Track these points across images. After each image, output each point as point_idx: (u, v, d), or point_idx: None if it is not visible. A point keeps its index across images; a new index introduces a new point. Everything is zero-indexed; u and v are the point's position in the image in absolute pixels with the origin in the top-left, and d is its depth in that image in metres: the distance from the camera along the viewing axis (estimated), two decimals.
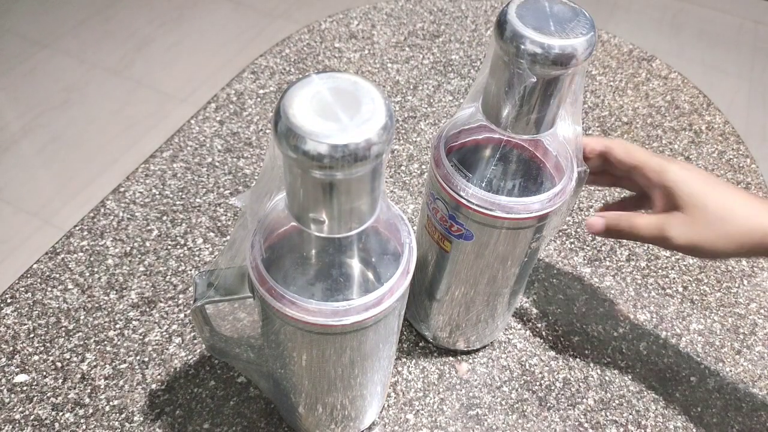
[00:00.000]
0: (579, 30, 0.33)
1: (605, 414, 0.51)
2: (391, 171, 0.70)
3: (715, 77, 1.99)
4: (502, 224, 0.40)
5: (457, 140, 0.42)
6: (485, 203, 0.39)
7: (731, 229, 0.39)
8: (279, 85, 0.78)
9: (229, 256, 0.36)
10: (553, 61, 0.33)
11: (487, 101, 0.38)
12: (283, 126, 0.26)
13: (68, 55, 1.89)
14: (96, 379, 0.50)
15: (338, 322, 0.32)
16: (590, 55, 0.34)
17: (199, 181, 0.66)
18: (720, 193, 0.40)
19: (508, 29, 0.33)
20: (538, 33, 0.33)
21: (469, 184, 0.39)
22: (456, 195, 0.39)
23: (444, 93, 0.79)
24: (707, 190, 0.40)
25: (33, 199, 1.52)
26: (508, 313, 0.52)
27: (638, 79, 0.85)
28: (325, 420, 0.45)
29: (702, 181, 0.40)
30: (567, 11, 0.34)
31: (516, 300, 0.51)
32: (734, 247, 0.39)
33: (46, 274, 0.57)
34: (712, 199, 0.39)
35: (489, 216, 0.39)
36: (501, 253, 0.42)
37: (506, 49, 0.34)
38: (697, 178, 0.40)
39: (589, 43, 0.33)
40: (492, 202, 0.39)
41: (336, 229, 0.30)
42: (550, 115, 0.37)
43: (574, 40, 0.33)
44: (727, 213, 0.39)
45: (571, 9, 0.35)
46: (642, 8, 2.26)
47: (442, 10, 0.93)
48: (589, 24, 0.34)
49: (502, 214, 0.39)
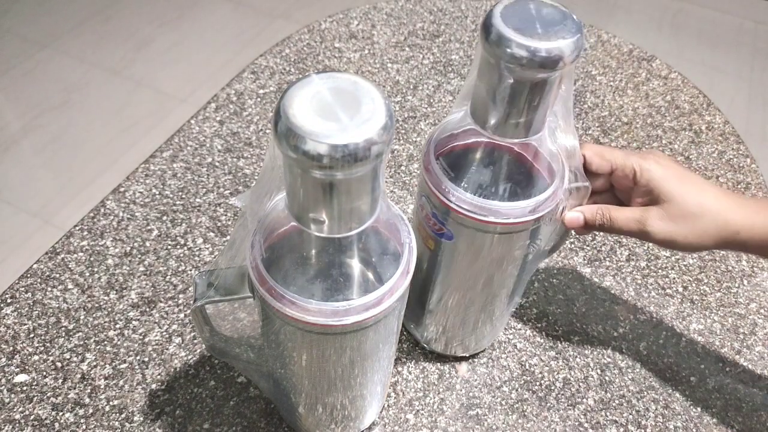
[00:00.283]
0: (565, 32, 0.33)
1: (605, 414, 0.51)
2: (391, 171, 0.70)
3: (715, 77, 1.99)
4: (494, 228, 0.39)
5: (447, 144, 0.42)
6: (472, 206, 0.38)
7: (704, 225, 0.41)
8: (279, 85, 0.78)
9: (229, 256, 0.36)
10: (539, 63, 0.33)
11: (476, 105, 0.38)
12: (283, 126, 0.26)
13: (68, 55, 1.89)
14: (96, 379, 0.50)
15: (338, 322, 0.32)
16: (577, 57, 0.33)
17: (199, 181, 0.66)
18: (694, 189, 0.42)
19: (493, 32, 0.33)
20: (524, 36, 0.33)
21: (454, 186, 0.39)
22: (442, 197, 0.39)
23: (444, 93, 0.79)
24: (682, 187, 0.41)
25: (33, 199, 1.52)
26: (492, 324, 0.51)
27: (638, 79, 0.85)
28: (325, 420, 0.45)
29: (678, 178, 0.42)
30: (555, 13, 0.34)
31: (504, 312, 0.50)
32: (708, 242, 0.42)
33: (46, 274, 0.57)
34: (688, 195, 0.41)
35: (475, 220, 0.39)
36: (488, 257, 0.42)
37: (492, 52, 0.34)
38: (674, 175, 0.42)
39: (576, 46, 0.33)
40: (478, 205, 0.38)
41: (336, 229, 0.30)
42: (538, 119, 0.37)
43: (561, 42, 0.33)
44: (701, 209, 0.41)
45: (560, 12, 0.34)
46: (642, 8, 2.26)
47: (442, 10, 0.93)
48: (576, 26, 0.33)
49: (490, 218, 0.38)
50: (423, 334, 0.53)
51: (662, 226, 0.42)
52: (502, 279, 0.45)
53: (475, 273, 0.43)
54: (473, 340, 0.52)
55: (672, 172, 0.42)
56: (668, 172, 0.42)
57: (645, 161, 0.42)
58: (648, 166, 0.42)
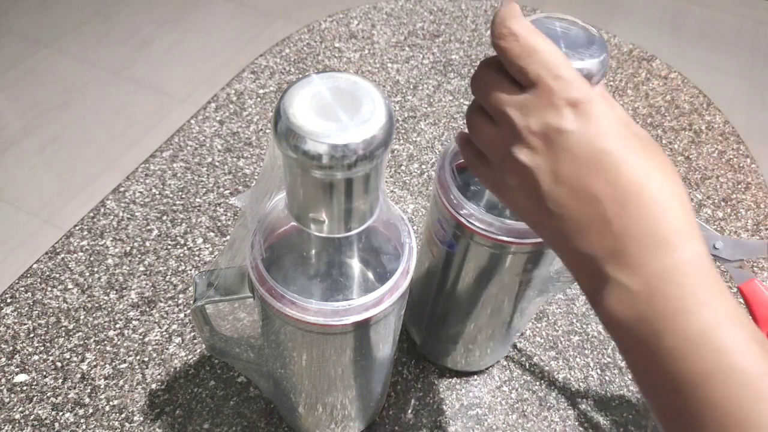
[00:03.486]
0: (593, 52, 0.31)
1: (605, 414, 0.51)
2: (391, 171, 0.70)
3: (715, 77, 1.99)
4: (508, 248, 0.38)
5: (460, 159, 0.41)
6: (485, 224, 0.37)
7: None
8: (279, 85, 0.78)
9: (229, 256, 0.36)
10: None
11: None
12: (283, 126, 0.26)
13: (68, 55, 1.89)
14: (96, 379, 0.50)
15: (338, 322, 0.32)
16: (603, 77, 0.31)
17: (199, 181, 0.66)
18: None
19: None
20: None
21: (463, 197, 0.38)
22: (455, 213, 0.38)
23: (444, 93, 0.79)
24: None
25: (33, 199, 1.52)
26: (495, 343, 0.50)
27: (638, 78, 0.85)
28: (325, 420, 0.45)
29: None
30: (580, 33, 0.32)
31: (508, 335, 0.49)
32: None
33: (46, 274, 0.57)
34: None
35: (468, 229, 0.38)
36: (476, 270, 0.41)
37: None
38: None
39: (602, 65, 0.31)
40: (491, 223, 0.37)
41: (336, 229, 0.30)
42: None
43: (589, 61, 0.31)
44: None
45: (585, 32, 0.32)
46: (642, 8, 2.26)
47: (442, 10, 0.93)
48: (601, 47, 0.31)
49: (503, 237, 0.37)
50: (424, 342, 0.53)
51: None
52: (502, 299, 0.43)
53: (484, 292, 0.43)
54: (475, 355, 0.51)
55: None
56: None
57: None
58: None
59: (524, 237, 0.37)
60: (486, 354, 0.51)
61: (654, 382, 0.25)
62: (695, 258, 0.24)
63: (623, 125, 0.27)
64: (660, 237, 0.24)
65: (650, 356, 0.24)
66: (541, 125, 0.26)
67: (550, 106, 0.26)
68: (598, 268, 0.26)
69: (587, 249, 0.26)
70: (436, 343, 0.52)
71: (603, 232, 0.25)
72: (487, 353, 0.51)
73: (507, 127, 0.28)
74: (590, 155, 0.26)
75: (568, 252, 0.27)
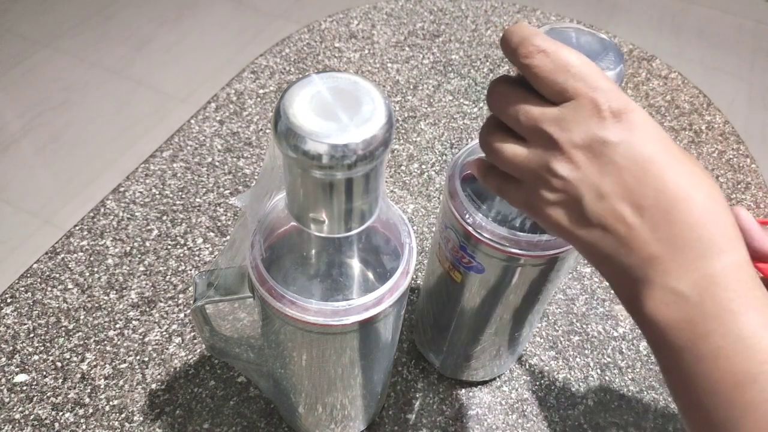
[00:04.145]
0: (608, 63, 0.31)
1: (605, 414, 0.51)
2: (391, 171, 0.70)
3: (715, 77, 1.99)
4: (518, 261, 0.37)
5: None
6: (497, 237, 0.36)
7: None
8: (279, 84, 0.78)
9: (229, 256, 0.36)
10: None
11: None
12: (283, 126, 0.26)
13: (68, 55, 1.89)
14: (96, 379, 0.50)
15: (338, 322, 0.32)
16: (620, 86, 0.31)
17: (199, 181, 0.66)
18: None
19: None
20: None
21: (482, 216, 0.37)
22: (468, 227, 0.37)
23: (444, 93, 0.79)
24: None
25: (33, 199, 1.52)
26: (509, 350, 0.50)
27: (638, 78, 0.85)
28: (325, 420, 0.45)
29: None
30: (594, 42, 0.32)
31: (522, 337, 0.49)
32: None
33: (46, 273, 0.57)
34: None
35: (501, 251, 0.37)
36: (511, 288, 0.40)
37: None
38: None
39: (619, 77, 0.31)
40: (504, 236, 0.36)
41: (336, 229, 0.30)
42: None
43: (609, 72, 0.30)
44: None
45: (600, 41, 0.32)
46: (642, 8, 2.26)
47: (442, 10, 0.93)
48: (617, 57, 0.31)
49: (516, 249, 0.36)
50: (437, 355, 0.52)
51: None
52: (521, 310, 0.43)
53: (492, 302, 0.42)
54: (495, 365, 0.51)
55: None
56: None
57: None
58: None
59: (546, 248, 0.36)
60: (504, 361, 0.51)
61: (691, 383, 0.25)
62: (742, 262, 0.25)
63: (663, 132, 0.27)
64: (710, 242, 0.25)
65: (692, 357, 0.25)
66: (585, 138, 0.26)
67: (592, 117, 0.26)
68: (641, 274, 0.26)
69: (629, 257, 0.26)
70: (457, 363, 0.51)
71: (648, 240, 0.26)
72: (505, 360, 0.51)
73: (542, 143, 0.28)
74: (637, 164, 0.26)
75: (608, 261, 0.27)
